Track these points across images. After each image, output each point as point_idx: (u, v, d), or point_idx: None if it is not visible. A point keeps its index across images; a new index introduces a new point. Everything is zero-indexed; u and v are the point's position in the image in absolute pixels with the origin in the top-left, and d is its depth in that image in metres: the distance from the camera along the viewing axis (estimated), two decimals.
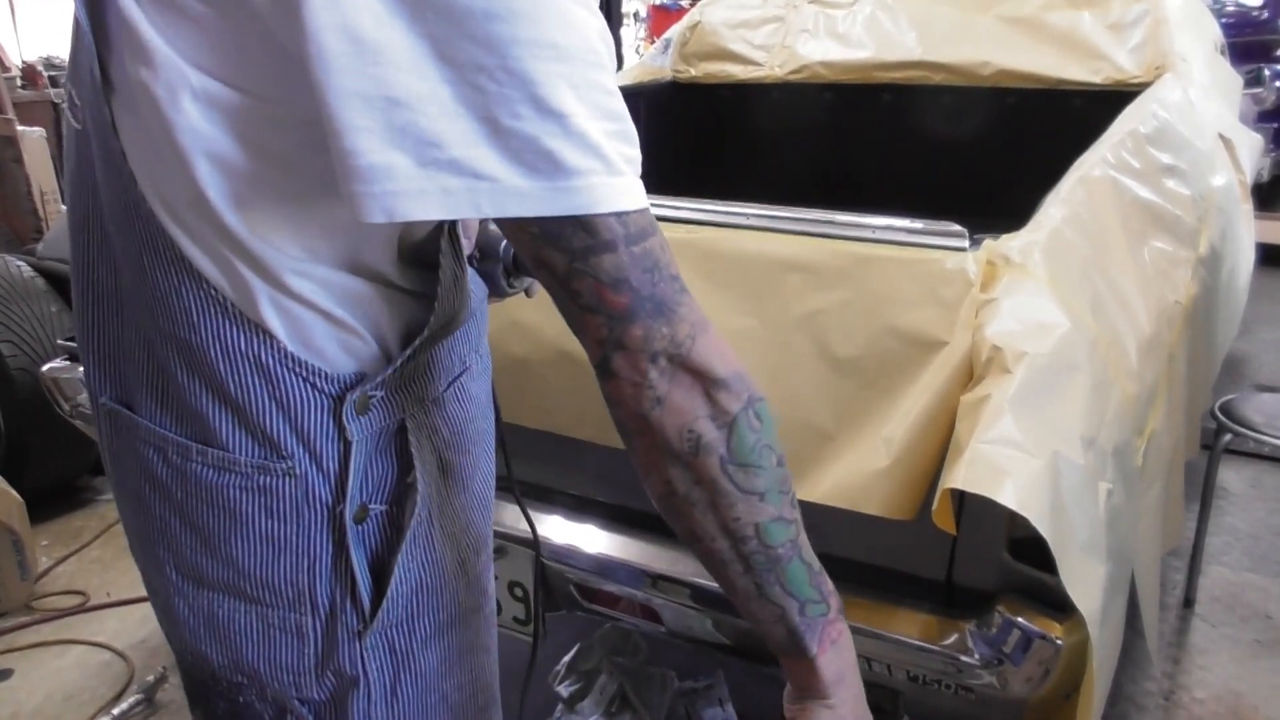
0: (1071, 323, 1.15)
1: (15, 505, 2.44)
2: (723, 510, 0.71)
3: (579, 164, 0.61)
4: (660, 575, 1.40)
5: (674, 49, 3.18)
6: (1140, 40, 2.54)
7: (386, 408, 0.77)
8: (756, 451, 0.70)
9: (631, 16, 10.15)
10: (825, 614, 0.76)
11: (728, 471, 0.70)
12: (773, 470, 0.71)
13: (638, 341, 0.68)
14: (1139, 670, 2.12)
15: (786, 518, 0.72)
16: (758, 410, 0.70)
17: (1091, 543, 1.08)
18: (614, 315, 0.67)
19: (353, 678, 0.82)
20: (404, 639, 0.84)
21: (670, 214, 1.34)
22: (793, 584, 0.74)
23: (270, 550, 0.78)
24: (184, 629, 0.84)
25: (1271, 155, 4.68)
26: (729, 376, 0.70)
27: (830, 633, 0.77)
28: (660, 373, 0.68)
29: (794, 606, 0.74)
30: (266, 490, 0.76)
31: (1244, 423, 2.22)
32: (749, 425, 0.70)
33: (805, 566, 0.74)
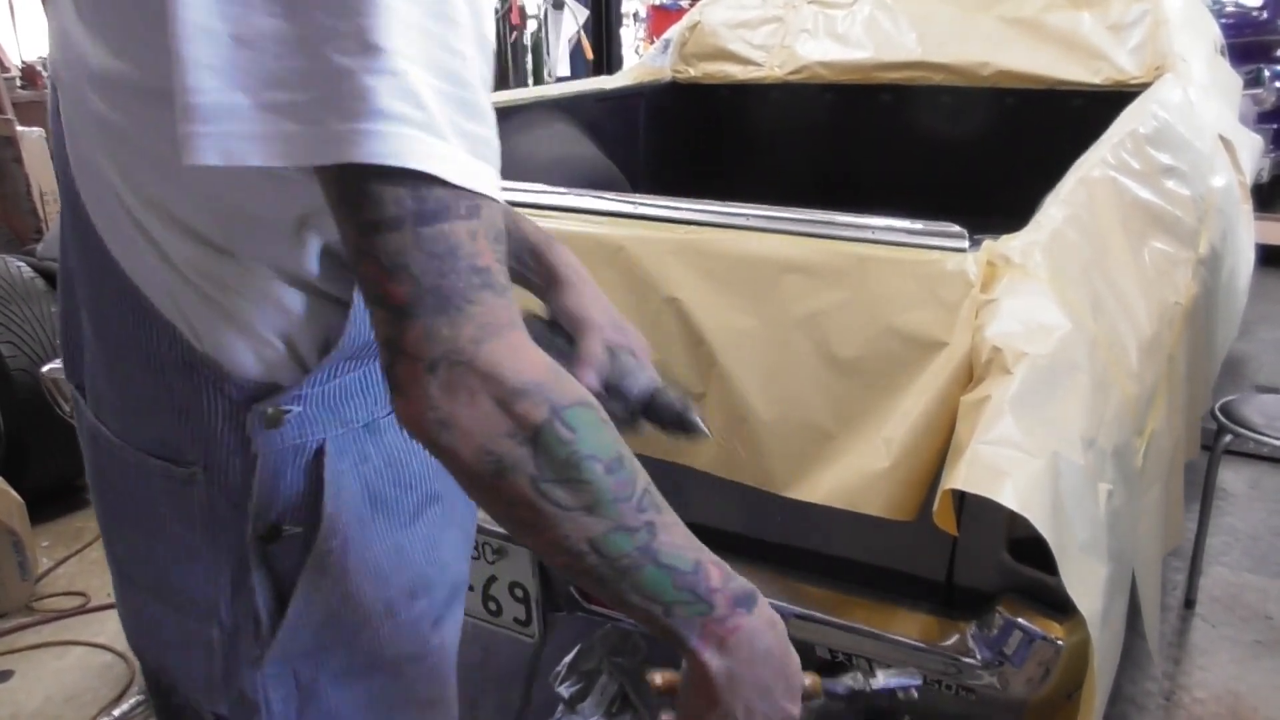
0: (1072, 323, 1.15)
1: (15, 506, 2.43)
2: (547, 532, 0.63)
3: (387, 106, 0.54)
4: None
5: (673, 49, 3.18)
6: (1140, 41, 2.54)
7: (304, 425, 0.73)
8: (574, 464, 0.61)
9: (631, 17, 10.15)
10: (707, 612, 0.68)
11: (542, 490, 0.61)
12: (600, 480, 0.62)
13: (414, 345, 0.58)
14: (1139, 670, 2.12)
15: (628, 526, 0.64)
16: (568, 418, 0.61)
17: (1092, 543, 1.08)
18: (392, 310, 0.58)
19: (254, 704, 0.78)
20: (310, 673, 0.79)
21: (670, 214, 1.34)
22: (652, 589, 0.66)
23: (185, 556, 0.76)
24: (128, 626, 0.85)
25: (1271, 156, 4.68)
26: (527, 384, 0.60)
27: (715, 631, 0.69)
28: (441, 387, 0.58)
29: (658, 610, 0.67)
30: (177, 494, 0.74)
31: (1244, 423, 2.22)
32: (558, 437, 0.60)
33: (666, 570, 0.66)
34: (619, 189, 2.43)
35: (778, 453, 1.22)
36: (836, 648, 1.31)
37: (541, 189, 1.48)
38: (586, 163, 2.68)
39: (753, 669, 0.71)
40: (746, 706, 0.71)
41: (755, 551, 1.38)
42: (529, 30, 8.58)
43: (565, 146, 2.66)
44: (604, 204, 1.40)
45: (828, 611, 1.29)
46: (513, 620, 1.59)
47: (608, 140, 2.82)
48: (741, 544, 1.40)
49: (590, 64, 7.44)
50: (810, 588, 1.32)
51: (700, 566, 0.68)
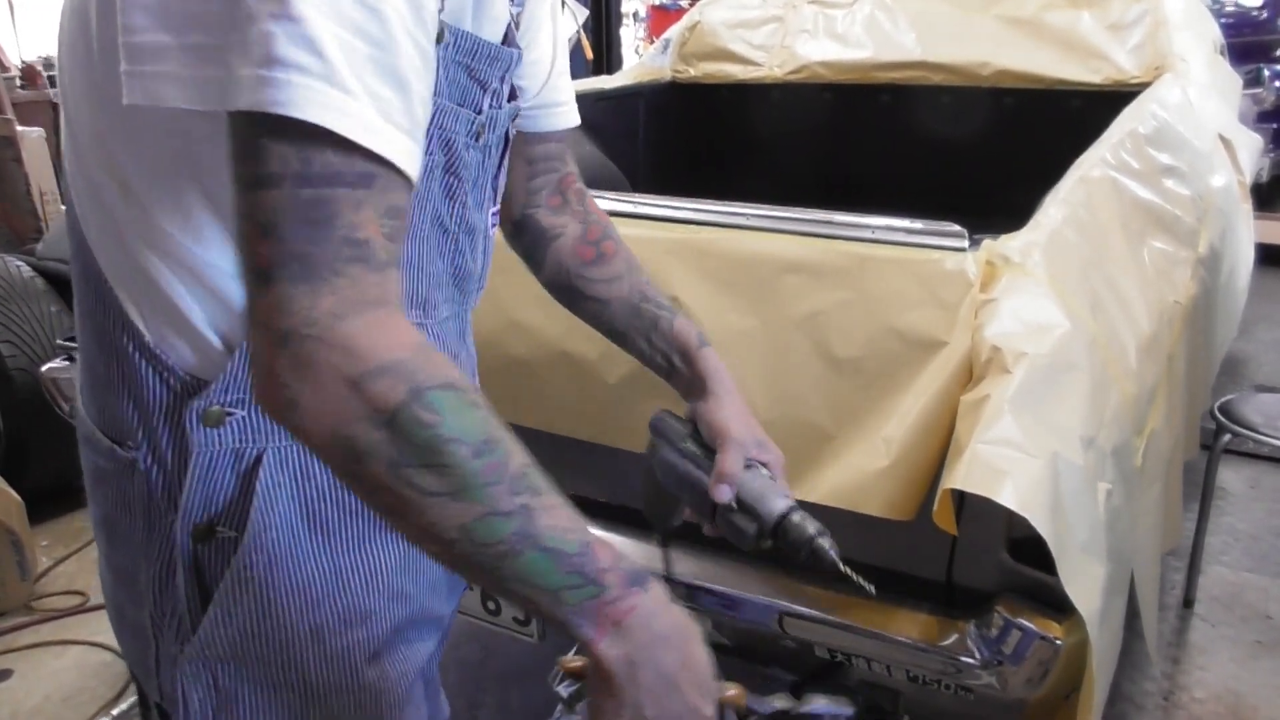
0: (1071, 323, 1.15)
1: (15, 505, 2.43)
2: (412, 519, 0.59)
3: (284, 53, 0.52)
4: (660, 576, 1.39)
5: (673, 49, 3.18)
6: (1140, 40, 2.54)
7: (247, 430, 0.72)
8: (435, 448, 0.57)
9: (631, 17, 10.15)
10: (598, 594, 0.64)
11: (403, 476, 0.57)
12: (465, 464, 0.58)
13: (267, 313, 0.55)
14: (1138, 670, 2.12)
15: (502, 510, 0.60)
16: (431, 400, 0.57)
17: (1091, 543, 1.08)
18: (255, 274, 0.55)
19: (172, 698, 0.78)
20: (229, 679, 0.78)
21: (670, 214, 1.34)
22: (535, 576, 0.61)
23: (126, 543, 0.77)
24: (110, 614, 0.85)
25: (1271, 155, 4.68)
26: (386, 363, 0.56)
27: (610, 614, 0.64)
28: (291, 363, 0.55)
29: (545, 598, 0.63)
30: (119, 476, 0.75)
31: (1243, 423, 2.22)
32: (417, 420, 0.56)
33: (547, 554, 0.62)
34: (619, 189, 2.43)
35: None
36: (836, 648, 1.31)
37: None
38: (586, 163, 2.67)
39: (652, 654, 0.65)
40: (655, 700, 0.65)
41: (755, 551, 1.38)
42: None
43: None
44: (604, 204, 1.39)
45: (828, 611, 1.29)
46: (512, 620, 1.59)
47: (608, 140, 2.82)
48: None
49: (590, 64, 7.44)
50: (810, 588, 1.32)
51: (587, 548, 0.64)
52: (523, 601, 0.63)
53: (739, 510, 0.89)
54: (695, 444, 0.94)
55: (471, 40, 0.74)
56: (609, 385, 1.33)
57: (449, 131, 0.75)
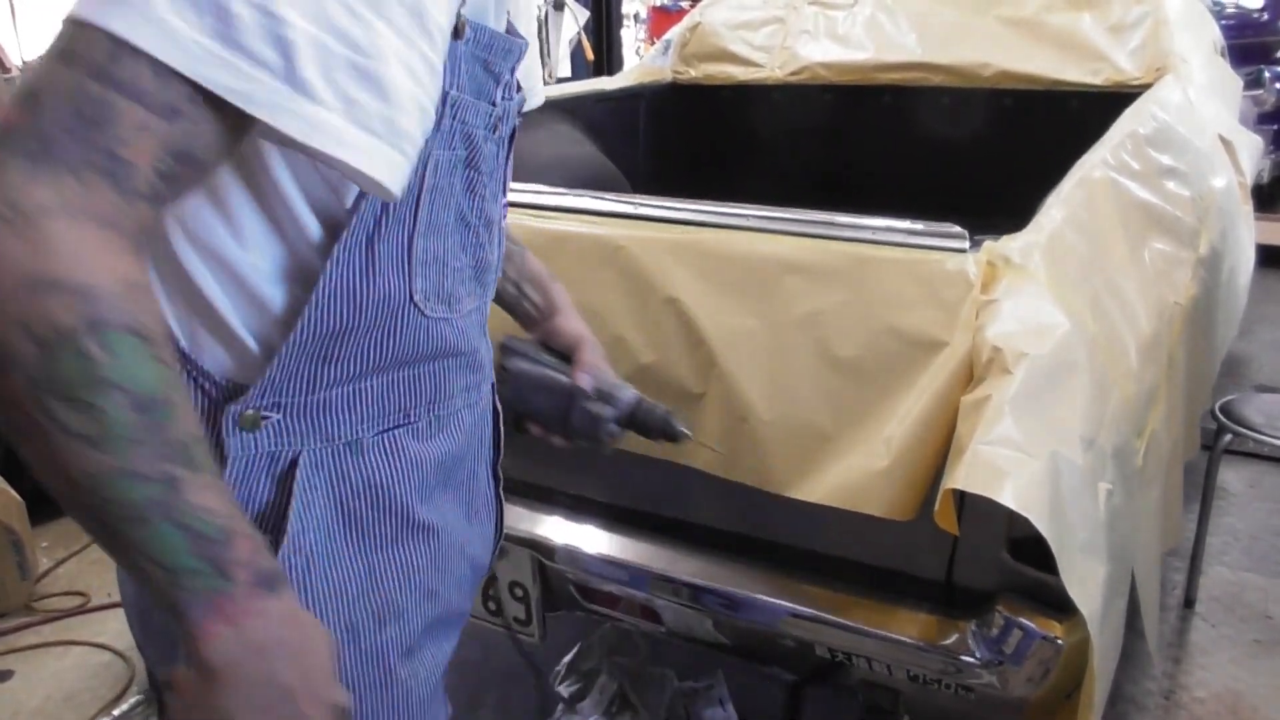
0: (1071, 324, 1.15)
1: (15, 505, 2.43)
2: (38, 448, 0.54)
3: None
4: (660, 575, 1.40)
5: (674, 50, 3.18)
6: (1140, 42, 2.55)
7: (282, 434, 0.72)
8: (92, 388, 0.52)
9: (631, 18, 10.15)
10: (224, 589, 0.59)
11: (42, 402, 0.52)
12: (118, 414, 0.53)
13: None
14: (1139, 670, 2.12)
15: (139, 473, 0.55)
16: (108, 339, 0.52)
17: (1091, 543, 1.08)
18: None
19: None
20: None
21: (670, 214, 1.34)
22: (159, 551, 0.57)
23: None
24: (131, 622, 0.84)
25: (1271, 157, 4.68)
26: (75, 282, 0.51)
27: (229, 612, 0.59)
28: None
29: (161, 576, 0.58)
30: None
31: (1244, 423, 2.22)
32: (81, 351, 0.52)
33: (182, 532, 0.57)
34: (619, 189, 2.43)
35: (778, 453, 1.23)
36: (836, 648, 1.31)
37: (541, 189, 1.48)
38: (587, 163, 2.68)
39: (267, 663, 0.60)
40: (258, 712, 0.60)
41: (755, 551, 1.38)
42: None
43: (565, 147, 2.66)
44: (604, 204, 1.40)
45: (828, 611, 1.29)
46: (513, 620, 1.59)
47: (608, 141, 2.82)
48: (742, 544, 1.40)
49: (591, 65, 7.44)
50: (810, 588, 1.32)
51: (231, 536, 0.59)
52: (136, 572, 0.58)
53: (597, 399, 1.00)
54: (548, 353, 1.05)
55: (489, 34, 0.74)
56: None
57: (470, 126, 0.75)
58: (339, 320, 0.71)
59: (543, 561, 1.50)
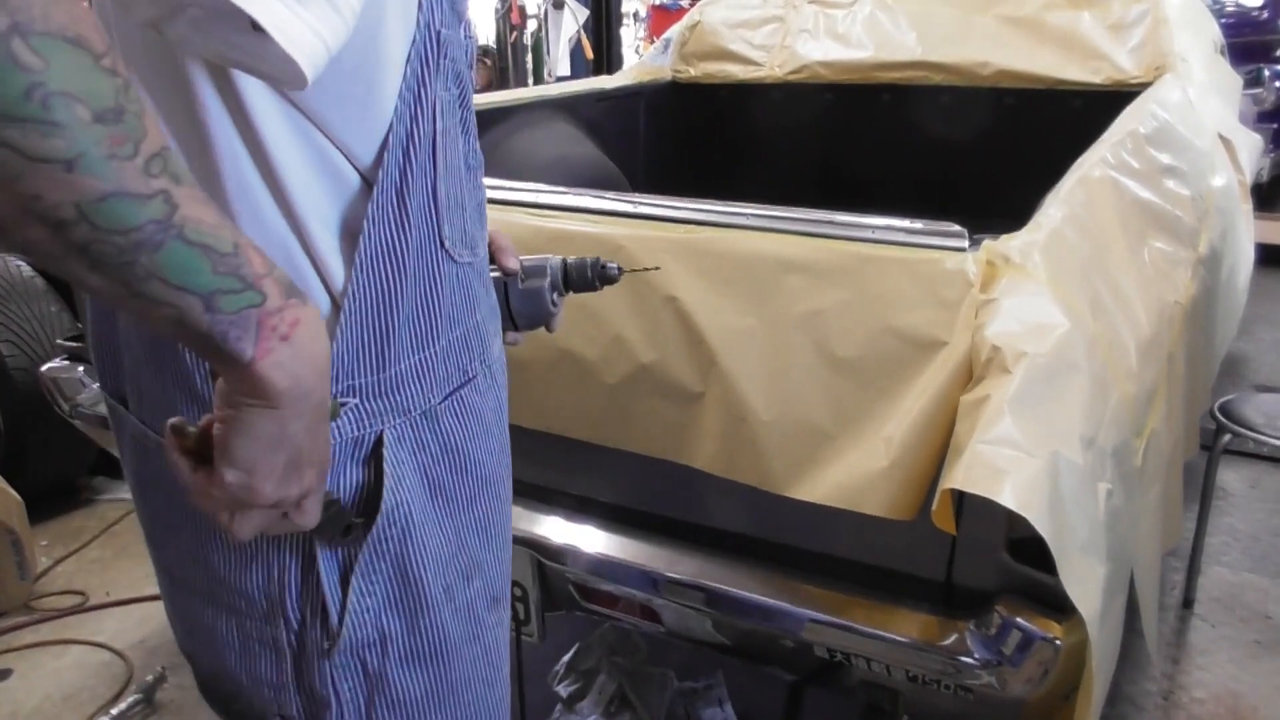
0: (1071, 323, 1.15)
1: (15, 505, 2.43)
2: (10, 184, 0.47)
3: None
4: (660, 575, 1.39)
5: (674, 49, 3.18)
6: (1140, 40, 2.54)
7: (362, 417, 0.73)
8: (35, 100, 0.46)
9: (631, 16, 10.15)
10: (259, 303, 0.56)
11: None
12: (80, 128, 0.48)
13: None
14: (1138, 670, 2.12)
15: (133, 191, 0.50)
16: (38, 44, 0.46)
17: (1091, 543, 1.08)
18: None
19: (324, 699, 0.78)
20: (377, 660, 0.78)
21: (670, 214, 1.34)
22: (179, 274, 0.53)
23: (241, 557, 0.74)
24: (179, 632, 0.83)
25: (1271, 156, 4.68)
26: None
27: (275, 325, 0.57)
28: None
29: (194, 303, 0.54)
30: None
31: (1244, 423, 2.22)
32: (17, 60, 0.45)
33: (196, 250, 0.53)
34: (619, 189, 2.43)
35: (777, 452, 1.22)
36: (836, 648, 1.31)
37: (541, 189, 1.48)
38: (586, 162, 2.68)
39: (320, 379, 0.60)
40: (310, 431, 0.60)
41: (755, 551, 1.38)
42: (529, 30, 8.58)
43: (565, 146, 2.66)
44: (604, 204, 1.40)
45: (827, 611, 1.29)
46: (513, 620, 1.59)
47: (608, 140, 2.82)
48: (742, 544, 1.40)
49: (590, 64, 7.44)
50: (810, 588, 1.32)
51: (240, 249, 0.56)
52: (164, 309, 0.54)
53: (528, 278, 1.01)
54: None
55: None
56: (609, 385, 1.33)
57: (458, 64, 0.75)
58: (384, 282, 0.71)
59: (542, 561, 1.50)
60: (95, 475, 3.01)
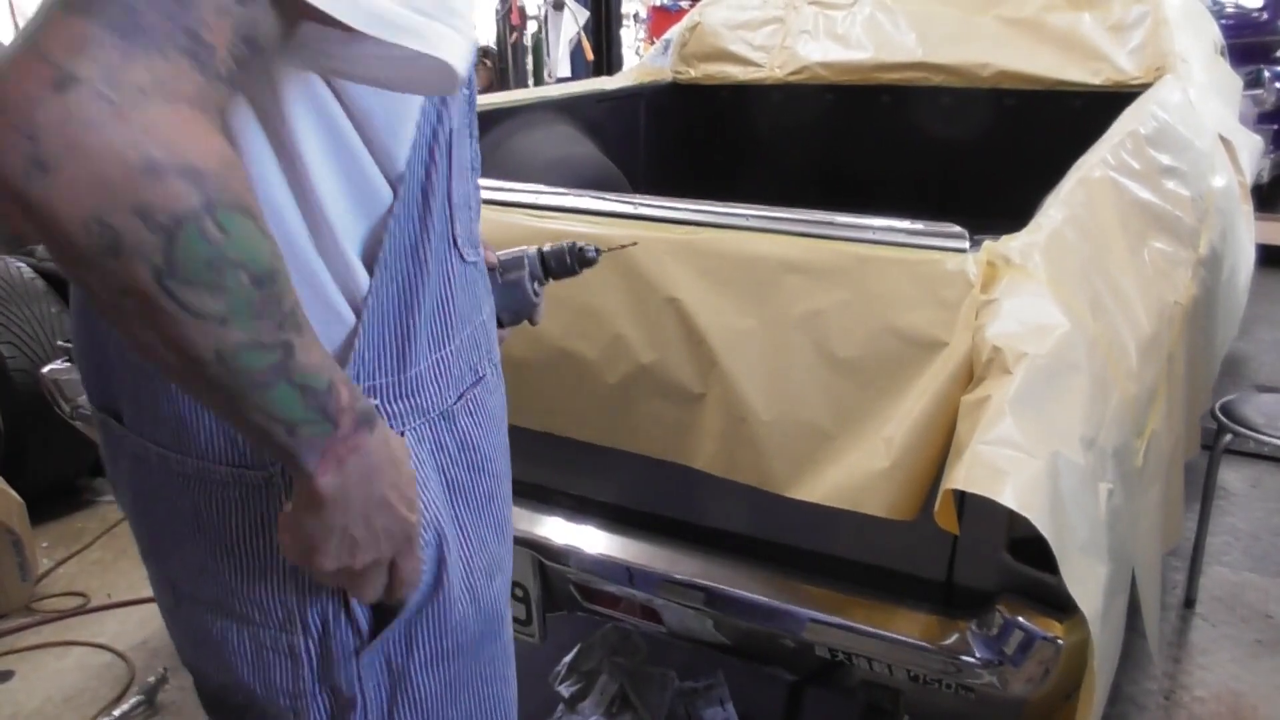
0: (1071, 323, 1.15)
1: (15, 506, 2.43)
2: (164, 329, 0.54)
3: None
4: (660, 575, 1.40)
5: (674, 50, 3.18)
6: (1140, 41, 2.55)
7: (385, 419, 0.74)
8: (216, 268, 0.52)
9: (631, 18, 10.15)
10: (330, 432, 0.64)
11: (168, 288, 0.51)
12: (243, 292, 0.54)
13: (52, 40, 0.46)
14: (1139, 670, 2.12)
15: (264, 343, 0.57)
16: (223, 219, 0.52)
17: (1092, 542, 1.08)
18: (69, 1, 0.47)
19: (349, 699, 0.79)
20: (401, 659, 0.80)
21: (670, 214, 1.34)
22: (277, 407, 0.60)
23: (256, 566, 0.75)
24: (184, 645, 0.83)
25: (1271, 156, 4.68)
26: (187, 164, 0.49)
27: (337, 451, 0.65)
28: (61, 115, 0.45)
29: (280, 429, 0.62)
30: (249, 500, 0.73)
31: (1244, 423, 2.22)
32: (203, 234, 0.51)
33: (297, 390, 0.60)
34: (619, 189, 2.43)
35: (778, 453, 1.23)
36: (836, 648, 1.31)
37: (541, 189, 1.48)
38: (587, 163, 2.68)
39: (367, 486, 0.68)
40: (364, 520, 0.69)
41: (756, 551, 1.38)
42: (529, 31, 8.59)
43: (565, 147, 2.66)
44: (604, 204, 1.40)
45: (828, 611, 1.29)
46: (513, 620, 1.59)
47: (608, 141, 2.82)
48: (743, 544, 1.40)
49: (590, 65, 7.45)
50: (810, 588, 1.32)
51: (333, 386, 0.64)
52: (252, 428, 0.62)
53: (507, 271, 1.01)
54: None
55: None
56: (609, 385, 1.34)
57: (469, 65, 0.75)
58: (406, 282, 0.73)
59: (543, 561, 1.50)
60: (96, 476, 3.01)
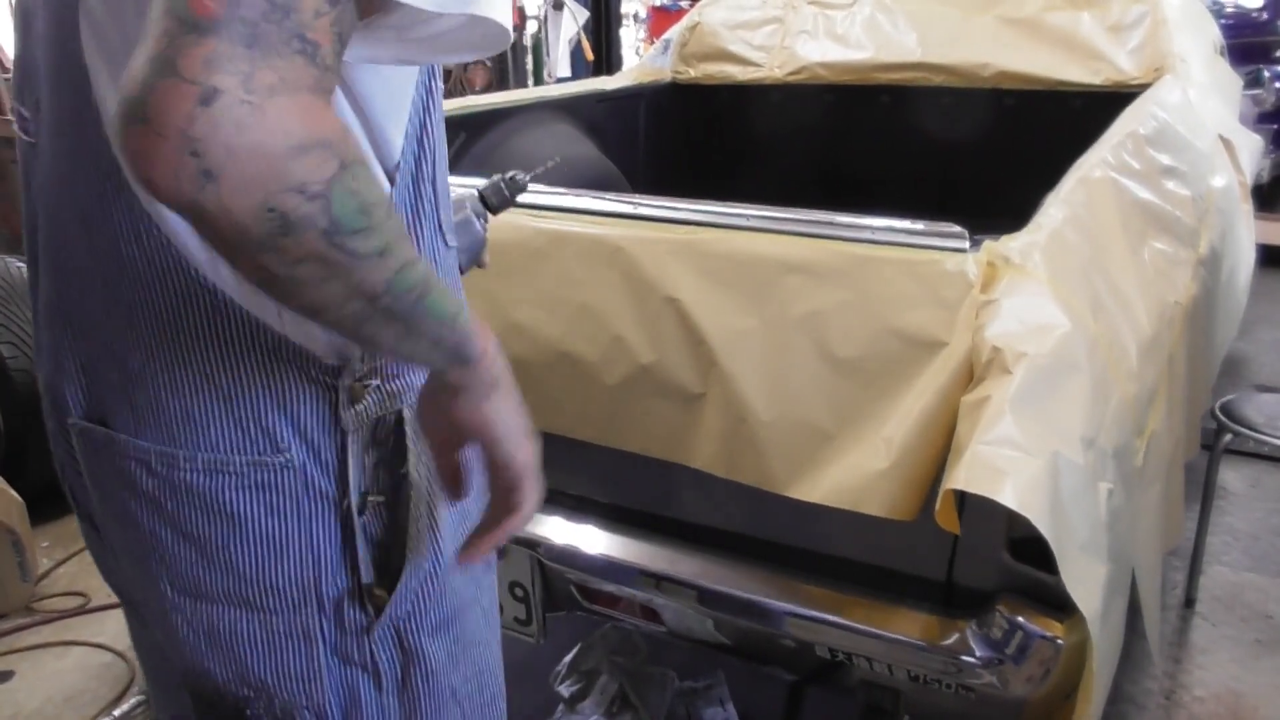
0: (1071, 323, 1.15)
1: (15, 506, 2.43)
2: (341, 281, 0.59)
3: None
4: (661, 575, 1.40)
5: (673, 50, 3.18)
6: (1140, 41, 2.55)
7: (383, 399, 0.78)
8: (365, 212, 0.58)
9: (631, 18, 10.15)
10: (474, 319, 0.73)
11: (338, 243, 0.57)
12: (386, 224, 0.60)
13: (196, 63, 0.50)
14: (1139, 669, 2.12)
15: (411, 258, 0.63)
16: (357, 172, 0.58)
17: (1092, 542, 1.08)
18: (184, 22, 0.50)
19: (364, 673, 0.82)
20: (412, 632, 0.84)
21: (670, 214, 1.34)
22: (439, 308, 0.67)
23: (271, 551, 0.77)
24: (184, 646, 0.82)
25: (1271, 156, 4.68)
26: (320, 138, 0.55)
27: (486, 333, 0.75)
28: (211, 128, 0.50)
29: (446, 330, 0.68)
30: (264, 487, 0.75)
31: (1244, 423, 2.22)
32: (349, 190, 0.56)
33: (439, 288, 0.67)
34: (619, 189, 2.43)
35: (778, 453, 1.23)
36: (836, 648, 1.31)
37: (541, 189, 1.48)
38: (586, 163, 2.68)
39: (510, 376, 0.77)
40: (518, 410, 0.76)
41: (756, 551, 1.38)
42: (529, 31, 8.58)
43: (565, 147, 2.66)
44: (604, 204, 1.40)
45: (828, 611, 1.29)
46: (513, 620, 1.59)
47: (608, 141, 2.82)
48: (742, 544, 1.40)
49: (590, 65, 7.44)
50: (810, 588, 1.32)
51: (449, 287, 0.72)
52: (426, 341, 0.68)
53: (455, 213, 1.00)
54: None
55: None
56: (609, 386, 1.34)
57: None
58: None
59: (543, 561, 1.50)
60: None
